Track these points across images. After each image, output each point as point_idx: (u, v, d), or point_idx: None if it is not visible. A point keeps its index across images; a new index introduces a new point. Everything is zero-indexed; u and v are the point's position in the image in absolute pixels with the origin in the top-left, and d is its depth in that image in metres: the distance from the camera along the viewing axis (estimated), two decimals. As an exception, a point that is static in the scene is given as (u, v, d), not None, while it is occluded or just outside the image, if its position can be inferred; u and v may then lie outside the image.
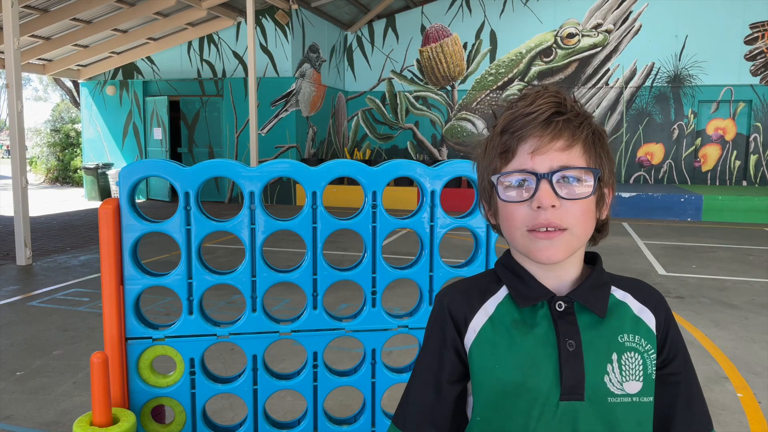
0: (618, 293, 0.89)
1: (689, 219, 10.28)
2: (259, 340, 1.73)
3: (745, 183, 12.77)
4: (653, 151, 12.93)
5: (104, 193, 12.54)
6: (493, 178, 0.85)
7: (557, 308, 0.85)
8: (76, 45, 11.23)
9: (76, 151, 16.82)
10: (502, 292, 0.89)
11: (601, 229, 0.89)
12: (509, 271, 0.90)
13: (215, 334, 1.71)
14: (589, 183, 0.82)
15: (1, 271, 6.00)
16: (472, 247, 1.80)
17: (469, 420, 0.92)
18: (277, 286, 1.91)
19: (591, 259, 0.91)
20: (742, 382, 3.33)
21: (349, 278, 1.76)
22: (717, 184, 12.86)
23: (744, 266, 6.42)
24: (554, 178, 0.80)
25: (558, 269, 0.87)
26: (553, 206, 0.80)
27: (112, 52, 12.01)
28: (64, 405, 3.00)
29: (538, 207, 0.80)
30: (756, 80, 12.48)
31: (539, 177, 0.81)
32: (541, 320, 0.85)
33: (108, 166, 12.68)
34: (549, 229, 0.80)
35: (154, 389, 1.68)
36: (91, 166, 12.50)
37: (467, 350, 0.88)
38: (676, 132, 12.89)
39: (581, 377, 0.82)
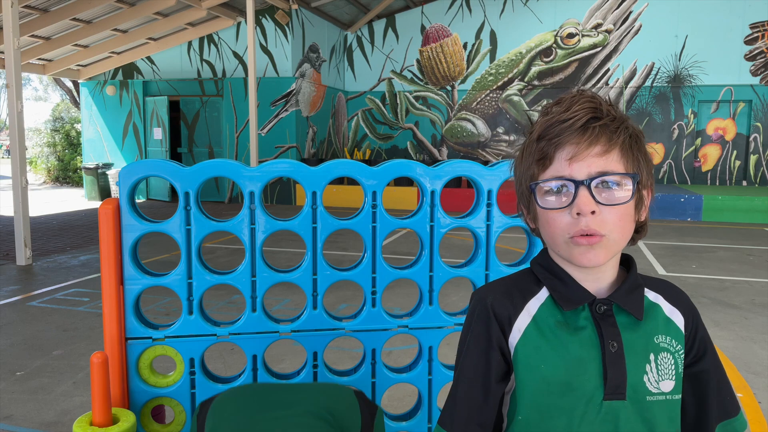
0: (650, 295, 0.92)
1: (689, 219, 10.28)
2: (259, 340, 1.73)
3: (745, 183, 12.77)
4: (653, 151, 12.93)
5: (104, 193, 12.54)
6: (532, 185, 0.86)
7: (597, 310, 0.87)
8: (76, 45, 11.23)
9: (76, 151, 16.82)
10: (543, 293, 0.91)
11: (639, 230, 0.91)
12: (548, 273, 0.91)
13: (215, 334, 1.71)
14: (628, 187, 0.83)
15: (1, 271, 6.00)
16: (472, 247, 1.79)
17: (505, 420, 0.93)
18: (277, 286, 1.91)
19: (624, 261, 0.93)
20: (742, 382, 3.33)
21: (349, 278, 1.76)
22: (717, 184, 12.86)
23: (744, 266, 6.42)
24: (593, 184, 0.81)
25: (597, 272, 0.88)
26: (593, 212, 0.81)
27: (112, 52, 12.01)
28: (64, 405, 3.00)
29: (578, 213, 0.81)
30: (756, 80, 12.48)
31: (578, 183, 0.82)
32: (584, 322, 0.87)
33: (108, 166, 12.68)
34: (589, 234, 0.82)
35: (154, 389, 1.68)
36: (91, 166, 12.50)
37: (512, 350, 0.89)
38: (676, 132, 12.89)
39: (624, 377, 0.85)
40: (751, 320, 4.47)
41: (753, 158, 12.67)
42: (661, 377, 0.87)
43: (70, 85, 18.11)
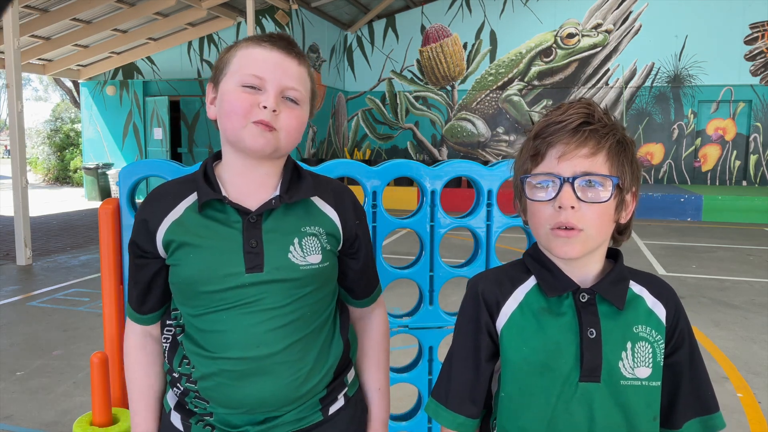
0: (635, 287, 0.98)
1: (689, 219, 10.28)
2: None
3: (745, 183, 12.77)
4: (653, 151, 12.94)
5: (104, 193, 12.54)
6: (522, 178, 0.96)
7: (581, 299, 0.94)
8: (76, 45, 11.23)
9: (75, 151, 16.82)
10: (531, 281, 0.99)
11: (622, 232, 0.99)
12: (537, 263, 0.99)
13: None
14: (608, 189, 0.90)
15: (1, 271, 6.00)
16: (472, 247, 1.79)
17: (494, 398, 1.02)
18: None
19: (614, 255, 1.00)
20: (742, 382, 3.33)
21: (349, 278, 1.75)
22: (717, 184, 12.86)
23: (744, 266, 6.42)
24: (576, 183, 0.89)
25: (580, 263, 0.95)
26: (573, 207, 0.89)
27: (112, 52, 12.01)
28: (64, 405, 3.00)
29: (560, 207, 0.89)
30: (756, 80, 12.48)
31: (563, 180, 0.90)
32: (566, 309, 0.95)
33: (108, 166, 12.68)
34: (567, 227, 0.89)
35: (154, 389, 1.68)
36: (91, 166, 12.50)
37: (498, 332, 0.98)
38: (676, 132, 12.90)
39: (599, 361, 0.92)
40: (751, 320, 4.48)
41: (753, 158, 12.67)
42: (637, 364, 0.92)
43: (70, 85, 18.11)
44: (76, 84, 16.18)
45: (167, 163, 1.52)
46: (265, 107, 0.98)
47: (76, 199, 13.06)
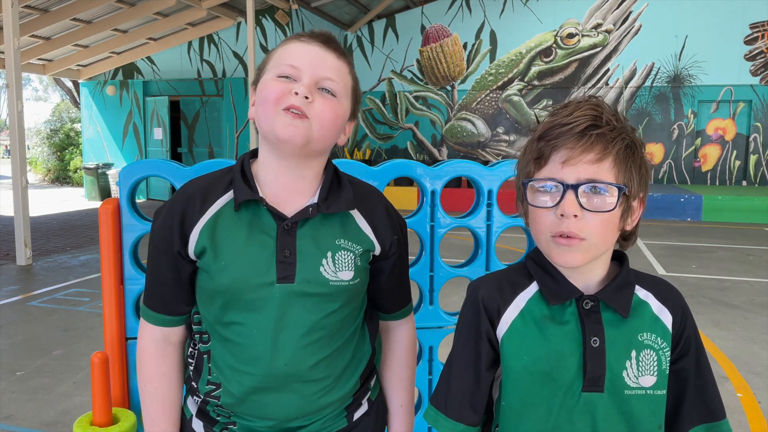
0: (641, 293, 0.94)
1: (689, 219, 10.28)
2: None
3: (745, 183, 12.77)
4: (653, 151, 12.93)
5: (104, 193, 12.54)
6: (524, 182, 0.91)
7: (584, 306, 0.91)
8: (76, 45, 11.23)
9: (75, 151, 16.82)
10: (533, 287, 0.95)
11: (627, 238, 0.95)
12: (540, 268, 0.95)
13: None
14: (613, 197, 0.86)
15: (1, 271, 6.00)
16: (472, 247, 1.79)
17: (494, 406, 0.99)
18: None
19: (619, 257, 0.96)
20: (742, 382, 3.33)
21: (349, 278, 1.75)
22: (717, 184, 12.86)
23: (744, 266, 6.42)
24: (580, 190, 0.85)
25: (584, 270, 0.91)
26: (576, 216, 0.85)
27: (112, 52, 12.02)
28: (64, 405, 3.00)
29: (562, 215, 0.85)
30: (756, 80, 12.48)
31: (566, 187, 0.85)
32: (569, 317, 0.91)
33: (108, 166, 12.68)
34: (569, 236, 0.85)
35: (154, 389, 1.67)
36: (91, 166, 12.50)
37: (499, 340, 0.94)
38: (676, 132, 12.89)
39: (603, 371, 0.88)
40: (751, 320, 4.48)
41: (753, 158, 12.67)
42: (641, 373, 0.89)
43: (70, 85, 18.11)
44: (76, 84, 16.17)
45: (167, 163, 1.52)
46: (296, 93, 0.95)
47: (76, 199, 13.06)
